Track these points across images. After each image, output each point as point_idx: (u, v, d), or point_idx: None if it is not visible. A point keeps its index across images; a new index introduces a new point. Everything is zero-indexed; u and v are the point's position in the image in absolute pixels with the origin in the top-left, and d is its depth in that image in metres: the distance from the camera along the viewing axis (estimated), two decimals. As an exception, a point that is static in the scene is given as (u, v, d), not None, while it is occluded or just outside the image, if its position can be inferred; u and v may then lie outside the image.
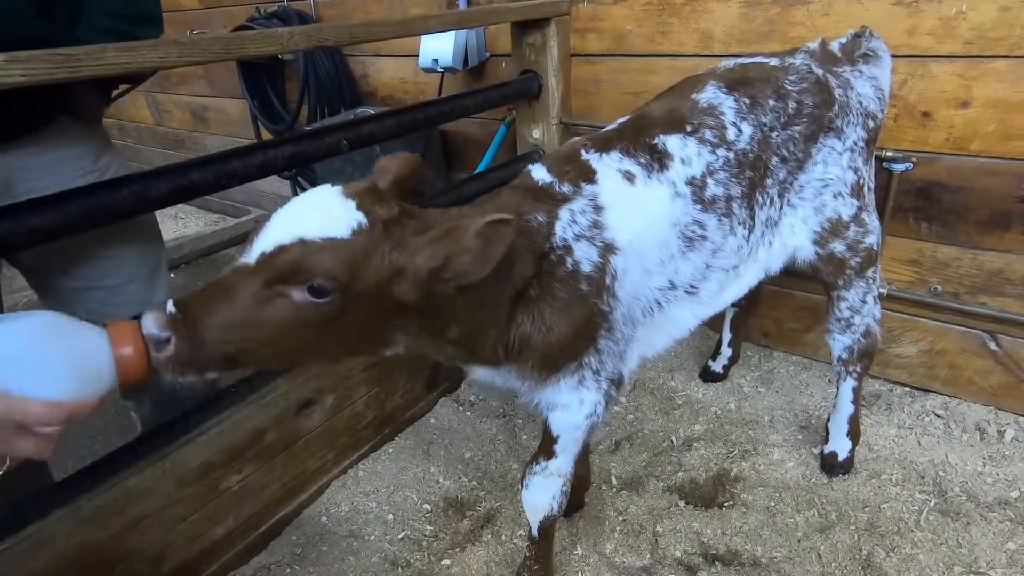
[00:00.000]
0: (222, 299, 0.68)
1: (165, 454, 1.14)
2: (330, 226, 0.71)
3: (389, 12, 2.33)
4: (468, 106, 1.72)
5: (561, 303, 0.91)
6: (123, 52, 0.91)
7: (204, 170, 1.12)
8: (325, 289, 0.69)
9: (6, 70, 0.80)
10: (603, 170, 1.00)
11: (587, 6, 1.87)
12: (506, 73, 2.14)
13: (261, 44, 1.09)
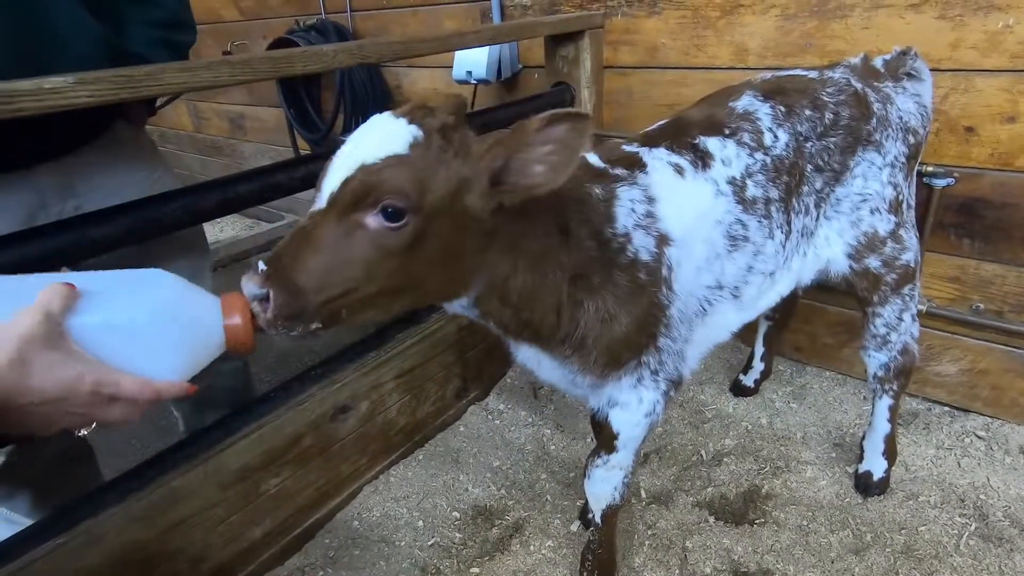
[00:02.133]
0: (305, 245, 0.69)
1: (207, 457, 1.18)
2: (387, 145, 0.70)
3: (424, 25, 2.37)
4: (501, 119, 1.74)
5: (623, 292, 0.93)
6: (180, 72, 0.96)
7: (251, 183, 1.17)
8: (399, 209, 0.69)
9: (75, 91, 0.85)
10: (653, 162, 1.01)
11: (620, 19, 1.88)
12: (538, 84, 2.16)
13: (307, 63, 1.13)
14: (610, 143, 1.07)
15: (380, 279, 0.72)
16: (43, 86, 0.82)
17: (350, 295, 0.71)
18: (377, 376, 1.48)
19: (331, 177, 0.71)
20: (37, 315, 0.52)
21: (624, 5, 1.85)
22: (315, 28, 2.55)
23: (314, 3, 2.68)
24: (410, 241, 0.71)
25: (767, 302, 1.18)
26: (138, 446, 2.00)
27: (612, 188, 0.94)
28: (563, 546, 1.40)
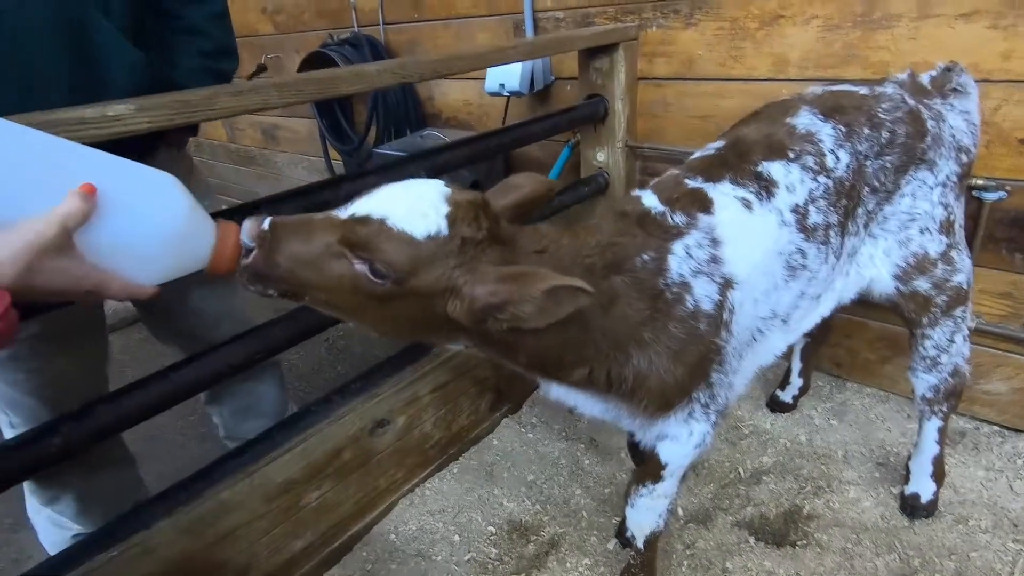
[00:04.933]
0: (303, 235, 0.74)
1: (254, 470, 1.20)
2: (412, 222, 0.73)
3: (456, 38, 2.39)
4: (536, 132, 1.75)
5: (679, 343, 0.90)
6: (232, 97, 0.98)
7: (297, 201, 1.19)
8: (381, 272, 0.73)
9: (135, 118, 0.87)
10: (720, 199, 0.97)
11: (656, 31, 1.87)
12: (571, 96, 2.16)
13: (352, 83, 1.15)
14: (670, 177, 1.03)
15: (342, 301, 0.78)
16: (107, 113, 0.85)
17: (314, 295, 0.78)
18: (414, 391, 1.49)
19: (364, 203, 0.76)
20: (53, 226, 0.57)
21: (660, 17, 1.84)
22: (348, 42, 2.59)
23: (347, 17, 2.73)
24: (379, 296, 0.75)
25: (810, 323, 1.16)
26: (179, 453, 2.04)
27: (665, 245, 0.90)
28: (600, 564, 1.39)
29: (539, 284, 0.72)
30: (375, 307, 0.77)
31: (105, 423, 1.00)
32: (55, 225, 0.56)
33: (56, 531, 1.22)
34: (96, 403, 1.00)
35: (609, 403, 0.99)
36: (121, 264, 0.63)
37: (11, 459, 0.92)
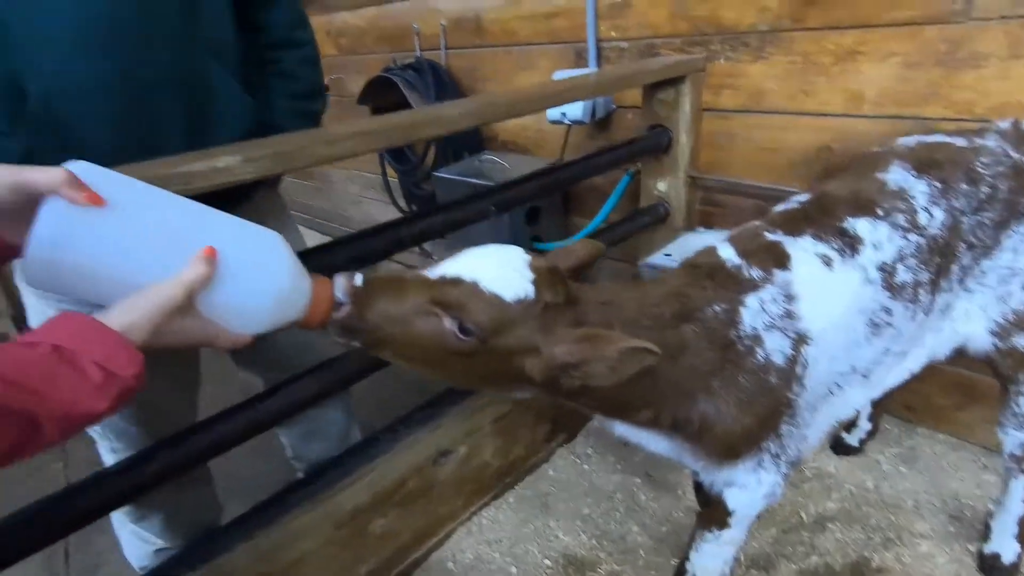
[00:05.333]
0: (395, 293, 0.79)
1: (325, 497, 1.24)
2: (502, 286, 0.78)
3: (517, 64, 2.42)
4: (600, 165, 1.75)
5: (748, 395, 0.91)
6: (327, 145, 1.03)
7: (376, 239, 1.23)
8: (469, 330, 0.77)
9: (242, 169, 0.93)
10: (798, 255, 0.97)
11: (723, 63, 1.85)
12: (632, 124, 2.16)
13: (434, 127, 1.19)
14: (751, 229, 1.03)
15: (427, 356, 0.81)
16: (215, 166, 0.90)
17: (398, 349, 0.81)
18: (476, 421, 1.51)
19: (453, 264, 0.80)
20: (180, 291, 0.62)
21: (728, 50, 1.83)
22: (411, 66, 2.65)
23: (409, 42, 2.80)
24: (464, 351, 0.79)
25: (896, 379, 1.12)
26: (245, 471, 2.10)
27: (738, 297, 0.92)
28: (659, 607, 1.37)
29: (611, 346, 0.76)
30: (455, 362, 0.81)
31: (197, 450, 1.05)
32: (182, 289, 0.60)
33: (140, 544, 1.29)
34: (189, 432, 1.06)
35: (674, 443, 1.00)
36: (229, 320, 0.67)
37: (113, 485, 0.98)
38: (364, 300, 0.77)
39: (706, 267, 0.96)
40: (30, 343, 0.52)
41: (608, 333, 0.79)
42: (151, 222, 0.63)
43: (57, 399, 0.50)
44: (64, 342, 0.52)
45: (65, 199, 0.56)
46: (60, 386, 0.51)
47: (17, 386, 0.48)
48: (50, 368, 0.50)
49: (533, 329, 0.79)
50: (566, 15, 2.18)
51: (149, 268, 0.61)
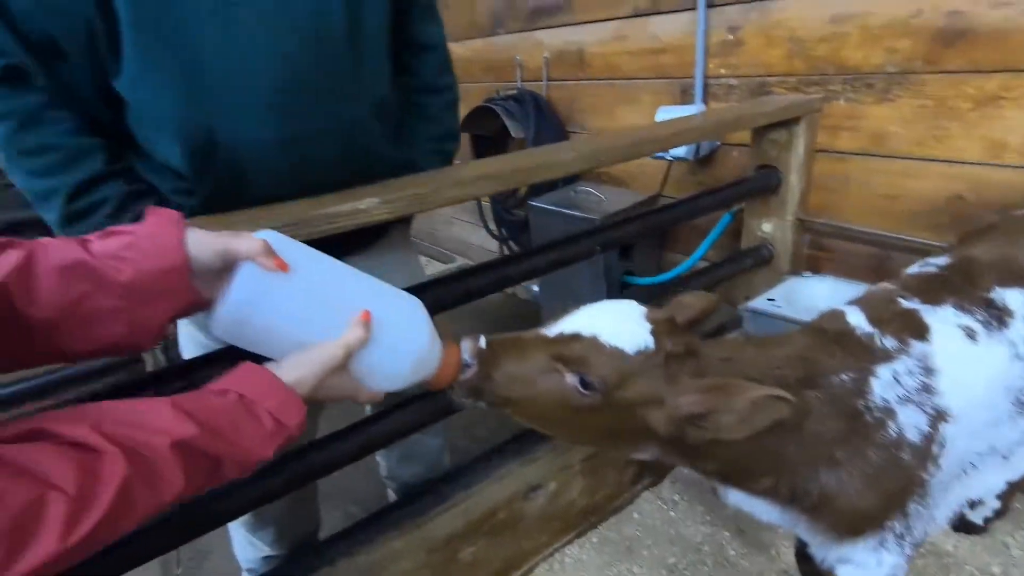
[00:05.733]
0: (517, 353, 0.80)
1: (422, 522, 1.27)
2: (622, 338, 0.78)
3: (619, 98, 2.44)
4: (704, 206, 1.72)
5: (876, 470, 0.86)
6: (455, 188, 1.08)
7: (484, 276, 1.27)
8: (592, 385, 0.77)
9: (378, 209, 0.99)
10: (938, 326, 0.92)
11: (843, 103, 1.78)
12: (737, 162, 2.11)
13: (548, 171, 1.22)
14: (882, 293, 0.98)
15: (550, 412, 0.82)
16: (357, 207, 0.97)
17: (522, 407, 0.82)
18: (567, 458, 1.51)
19: (571, 321, 0.81)
20: (340, 351, 0.66)
21: (849, 91, 1.75)
22: (513, 97, 2.73)
23: (512, 73, 2.88)
24: (587, 407, 0.79)
25: None
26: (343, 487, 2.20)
27: (869, 367, 0.87)
28: (751, 676, 1.30)
29: (742, 395, 0.73)
30: (578, 418, 0.82)
31: (316, 466, 1.12)
32: (343, 351, 0.65)
33: (251, 549, 1.38)
34: (311, 448, 1.13)
35: (791, 514, 0.95)
36: (371, 377, 0.72)
37: (244, 493, 1.06)
38: (489, 361, 0.79)
39: (833, 332, 0.92)
40: (221, 391, 0.58)
41: (738, 382, 0.76)
42: (319, 286, 0.69)
43: (240, 445, 0.56)
44: (247, 392, 0.58)
45: (258, 265, 0.62)
46: (243, 433, 0.56)
47: (212, 432, 0.54)
48: (236, 416, 0.56)
49: (656, 380, 0.78)
50: (673, 51, 2.17)
51: (315, 328, 0.66)
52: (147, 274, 0.60)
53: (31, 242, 0.60)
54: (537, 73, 2.76)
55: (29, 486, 0.43)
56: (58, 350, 0.60)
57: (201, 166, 0.92)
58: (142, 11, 0.82)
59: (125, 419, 0.51)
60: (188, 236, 0.63)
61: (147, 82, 0.86)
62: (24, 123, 0.85)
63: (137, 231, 0.62)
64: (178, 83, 0.86)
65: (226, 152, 0.91)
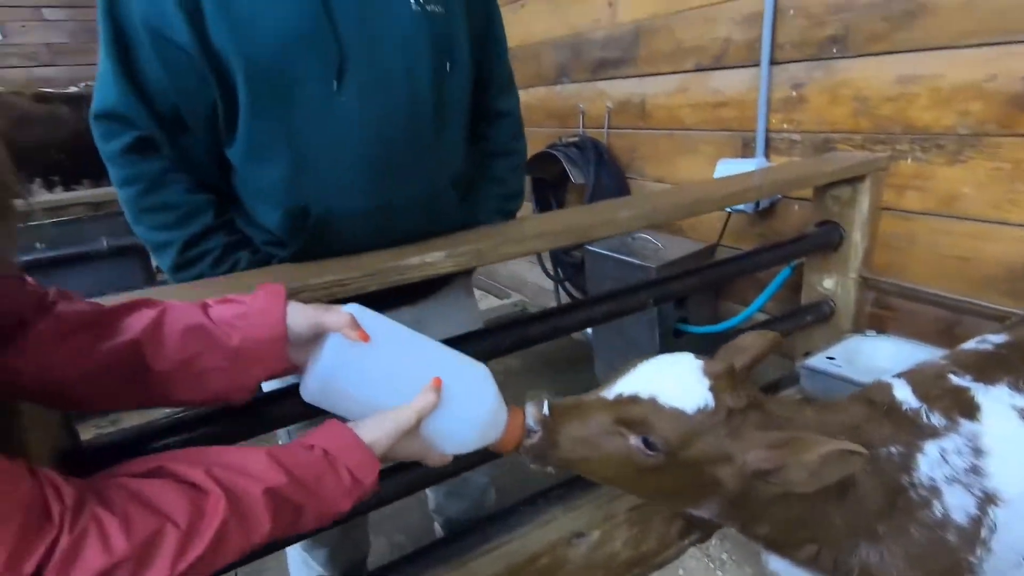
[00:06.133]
0: (579, 417, 0.83)
1: (467, 559, 1.31)
2: (681, 398, 0.80)
3: (678, 149, 2.48)
4: (763, 261, 1.72)
5: (919, 549, 0.85)
6: (515, 244, 1.15)
7: (538, 326, 1.32)
8: (655, 446, 0.79)
9: (444, 263, 1.07)
10: (990, 405, 0.90)
11: (910, 163, 1.75)
12: (798, 216, 2.10)
13: (603, 229, 1.27)
14: (933, 368, 0.97)
15: (614, 472, 0.85)
16: (425, 260, 1.05)
17: (587, 468, 0.85)
18: (612, 508, 1.51)
19: (629, 382, 0.84)
20: (413, 416, 0.72)
21: (918, 151, 1.73)
22: (575, 144, 2.82)
23: (575, 120, 2.98)
24: (652, 467, 0.81)
25: None
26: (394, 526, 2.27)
27: (916, 442, 0.87)
28: None
29: (814, 449, 0.74)
30: (643, 476, 0.84)
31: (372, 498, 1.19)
32: (415, 416, 0.71)
33: (305, 569, 1.46)
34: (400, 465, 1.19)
35: None
36: (440, 441, 0.77)
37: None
38: (553, 426, 0.82)
39: (882, 405, 0.93)
40: (309, 446, 0.65)
41: (806, 436, 0.77)
42: (395, 355, 0.76)
43: (321, 497, 0.63)
44: (330, 448, 0.65)
45: (344, 337, 0.71)
46: (325, 486, 0.63)
47: (299, 483, 0.61)
48: (320, 470, 0.63)
49: (720, 437, 0.79)
50: (735, 105, 2.20)
51: (391, 393, 0.73)
52: (252, 342, 0.69)
53: (163, 303, 0.71)
54: (599, 121, 2.84)
55: (153, 517, 0.52)
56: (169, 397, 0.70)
57: (295, 229, 1.03)
58: (259, 96, 0.95)
59: (230, 464, 0.59)
60: (288, 309, 0.72)
61: (256, 156, 0.99)
62: (149, 186, 1.00)
63: (249, 303, 0.72)
64: (283, 160, 0.99)
65: (318, 218, 1.02)
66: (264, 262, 1.10)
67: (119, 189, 1.02)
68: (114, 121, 0.98)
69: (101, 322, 0.70)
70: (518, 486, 1.70)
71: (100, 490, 0.53)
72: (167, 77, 0.96)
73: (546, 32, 3.06)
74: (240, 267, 1.07)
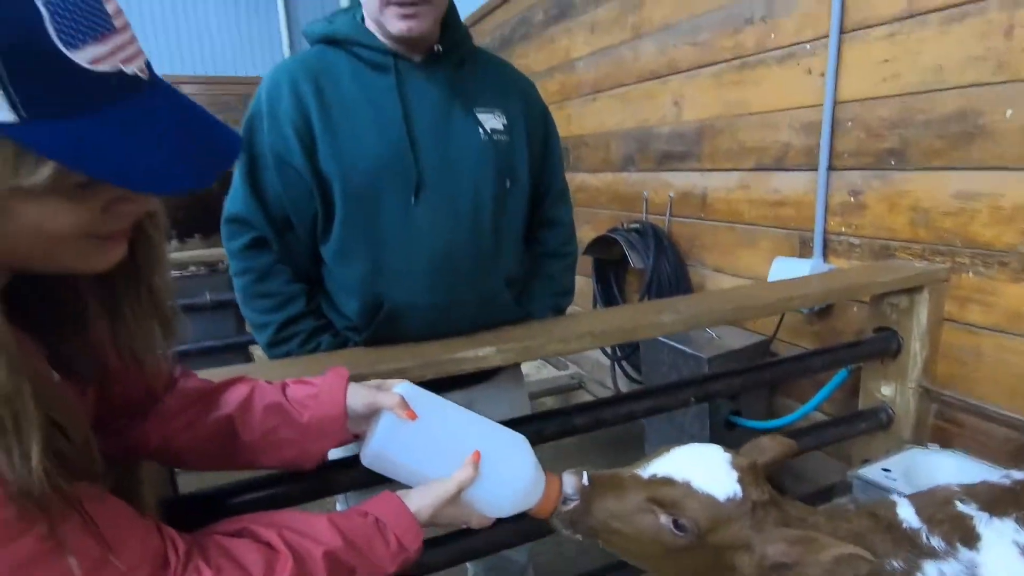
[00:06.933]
0: (615, 491, 0.89)
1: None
2: (714, 485, 0.87)
3: (739, 242, 2.54)
4: (816, 365, 1.74)
5: None
6: (561, 343, 1.27)
7: (584, 415, 1.41)
8: (684, 527, 0.85)
9: (494, 357, 1.20)
10: (991, 536, 0.90)
11: (971, 276, 1.74)
12: (855, 318, 2.09)
13: (647, 332, 1.37)
14: (942, 493, 0.99)
15: (642, 548, 0.89)
16: (477, 354, 1.19)
17: (616, 540, 0.90)
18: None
19: (664, 464, 0.91)
20: (454, 488, 0.81)
21: (980, 265, 1.72)
22: (636, 230, 2.94)
23: (639, 206, 3.12)
24: (680, 546, 0.86)
25: None
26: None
27: (916, 561, 0.89)
28: None
29: (829, 550, 0.80)
30: (667, 555, 0.90)
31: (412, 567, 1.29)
32: (456, 487, 0.82)
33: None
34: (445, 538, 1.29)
35: None
36: (480, 507, 0.87)
37: None
38: (589, 497, 0.90)
39: (884, 520, 0.95)
40: (363, 513, 0.77)
41: (821, 537, 0.82)
42: (440, 430, 0.88)
43: (371, 560, 0.74)
44: (380, 516, 0.77)
45: (395, 415, 0.84)
46: (374, 551, 0.74)
47: (353, 546, 0.73)
48: (371, 536, 0.75)
49: (745, 526, 0.85)
50: (794, 205, 2.26)
51: (436, 465, 0.85)
52: (319, 419, 0.84)
53: (254, 381, 0.88)
54: (662, 208, 2.96)
55: (237, 571, 0.65)
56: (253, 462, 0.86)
57: (369, 317, 1.21)
58: (351, 209, 1.16)
59: (297, 527, 0.72)
60: (348, 391, 0.86)
61: (344, 256, 1.19)
62: (259, 276, 1.21)
63: (319, 385, 0.87)
64: (365, 260, 1.18)
65: (389, 310, 1.20)
66: (342, 344, 1.28)
67: (235, 278, 1.24)
68: (239, 224, 1.21)
69: (208, 398, 0.87)
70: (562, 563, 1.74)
71: (201, 544, 0.67)
72: (283, 191, 1.18)
73: (616, 124, 3.26)
74: (322, 348, 1.25)
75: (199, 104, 0.58)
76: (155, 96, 0.54)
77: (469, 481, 0.83)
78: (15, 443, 0.47)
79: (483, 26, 4.67)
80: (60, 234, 0.52)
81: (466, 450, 0.86)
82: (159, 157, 0.51)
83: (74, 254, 0.55)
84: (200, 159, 0.54)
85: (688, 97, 2.72)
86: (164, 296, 0.68)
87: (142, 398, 0.82)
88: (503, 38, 4.44)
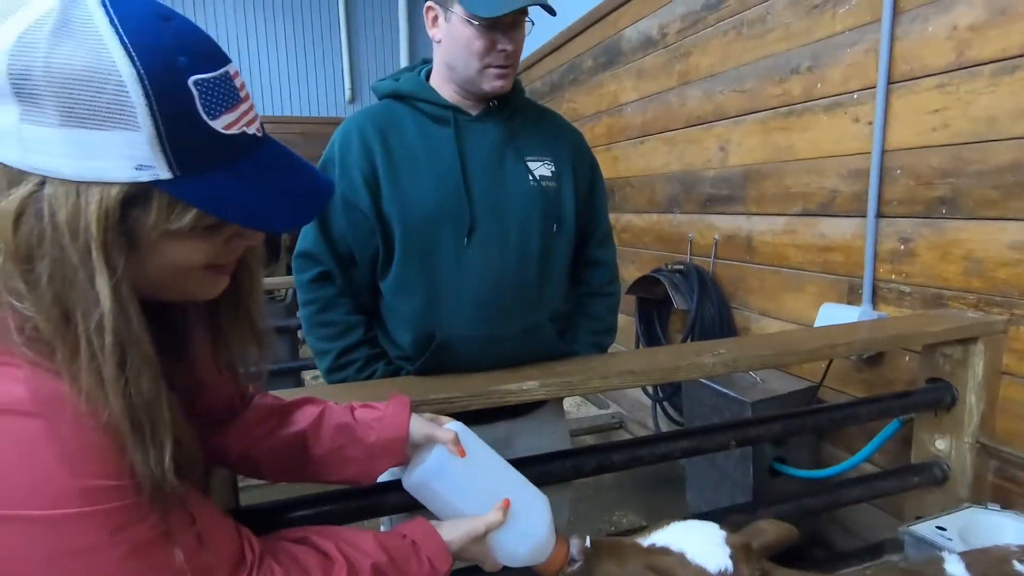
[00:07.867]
0: (616, 557, 0.92)
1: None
2: (706, 559, 0.88)
3: (784, 286, 2.53)
4: (862, 415, 1.70)
5: None
6: (599, 380, 1.31)
7: (622, 453, 1.44)
8: None
9: (537, 391, 1.25)
10: None
11: (1031, 329, 1.69)
12: (907, 368, 2.04)
13: (686, 371, 1.39)
14: (998, 552, 0.97)
15: None
16: (522, 387, 1.25)
17: None
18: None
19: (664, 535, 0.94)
20: (482, 527, 0.86)
21: (1038, 318, 1.67)
22: (680, 271, 2.96)
23: (683, 247, 3.14)
24: None
25: None
26: None
27: None
28: None
29: None
30: None
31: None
32: (483, 526, 0.87)
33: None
34: None
35: None
36: (497, 553, 0.92)
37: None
38: (592, 559, 0.94)
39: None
40: (402, 534, 0.84)
41: None
42: (481, 473, 0.94)
43: None
44: (417, 538, 0.83)
45: (447, 449, 0.91)
46: (410, 568, 0.80)
47: (393, 562, 0.79)
48: (408, 554, 0.81)
49: None
50: (842, 251, 2.25)
51: (471, 503, 0.91)
52: (383, 440, 0.91)
53: (324, 402, 0.97)
54: (707, 250, 2.98)
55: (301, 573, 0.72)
56: (319, 476, 0.93)
57: (421, 349, 1.30)
58: (409, 249, 1.27)
59: (350, 540, 0.79)
60: (411, 419, 0.94)
61: (400, 291, 1.29)
62: (322, 307, 1.32)
63: (384, 410, 0.95)
64: (420, 295, 1.28)
65: (441, 343, 1.28)
66: (395, 373, 1.37)
67: (301, 307, 1.36)
68: (308, 259, 1.33)
69: (282, 413, 0.96)
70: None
71: (271, 547, 0.75)
72: (349, 230, 1.30)
73: (662, 166, 3.33)
74: (376, 375, 1.34)
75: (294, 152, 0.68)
76: (268, 149, 0.64)
77: (496, 524, 0.88)
78: (151, 445, 0.56)
79: (534, 72, 4.88)
80: (190, 266, 0.63)
81: (498, 496, 0.92)
82: (272, 200, 0.62)
83: (196, 283, 0.66)
84: (303, 201, 0.64)
85: (734, 142, 2.77)
86: (258, 318, 0.78)
87: (223, 411, 0.92)
88: (553, 83, 4.62)
